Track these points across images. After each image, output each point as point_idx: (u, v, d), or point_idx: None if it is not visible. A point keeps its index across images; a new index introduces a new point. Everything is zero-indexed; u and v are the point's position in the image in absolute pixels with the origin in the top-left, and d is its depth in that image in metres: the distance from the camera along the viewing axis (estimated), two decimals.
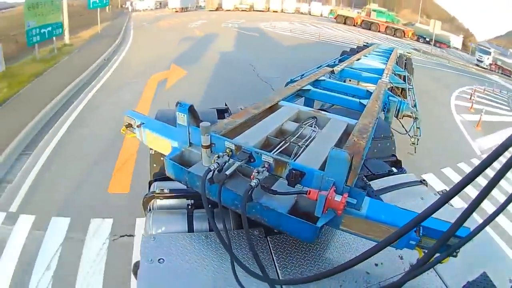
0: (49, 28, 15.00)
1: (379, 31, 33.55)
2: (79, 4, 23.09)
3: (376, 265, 1.94)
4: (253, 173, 1.77)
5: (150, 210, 2.35)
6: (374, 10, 34.79)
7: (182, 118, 2.08)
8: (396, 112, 4.62)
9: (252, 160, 1.92)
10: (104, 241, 4.84)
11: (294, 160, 2.09)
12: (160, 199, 2.38)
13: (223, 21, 30.42)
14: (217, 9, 40.83)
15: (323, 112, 3.21)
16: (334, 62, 7.15)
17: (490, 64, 28.00)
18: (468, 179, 1.02)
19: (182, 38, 20.49)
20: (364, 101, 3.92)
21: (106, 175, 6.38)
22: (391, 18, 34.46)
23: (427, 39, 33.03)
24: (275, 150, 2.22)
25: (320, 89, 4.47)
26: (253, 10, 41.95)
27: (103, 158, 6.96)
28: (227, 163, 1.93)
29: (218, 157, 1.90)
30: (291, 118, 2.93)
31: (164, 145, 2.37)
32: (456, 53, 32.89)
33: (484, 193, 1.00)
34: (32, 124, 8.01)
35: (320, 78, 4.74)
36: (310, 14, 43.33)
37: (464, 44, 36.04)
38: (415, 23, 36.98)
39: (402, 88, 6.71)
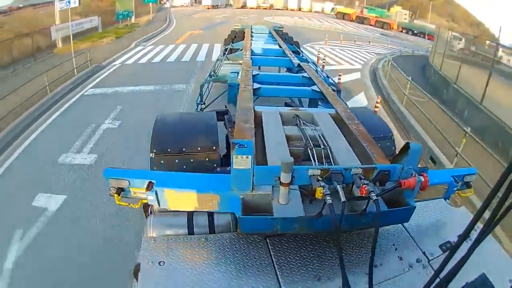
0: (126, 12, 28.38)
1: (370, 25, 42.15)
2: None
3: (375, 266, 1.96)
4: (365, 189, 1.78)
5: (150, 212, 2.37)
6: (366, 8, 43.84)
7: (245, 162, 1.80)
8: None
9: (343, 178, 1.89)
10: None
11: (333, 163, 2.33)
12: None
13: (241, 15, 41.01)
14: (242, 7, 50.51)
15: (300, 108, 3.52)
16: (225, 53, 7.39)
17: (462, 49, 35.25)
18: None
19: (207, 23, 32.50)
20: (314, 88, 4.16)
21: (172, 41, 21.46)
22: (380, 14, 43.07)
23: (415, 32, 40.85)
24: (312, 160, 2.39)
25: (263, 84, 4.45)
26: (273, 8, 50.53)
27: (168, 41, 20.86)
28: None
29: (322, 187, 1.80)
30: (281, 122, 3.01)
31: (202, 201, 2.04)
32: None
33: None
34: (138, 40, 20.81)
35: (254, 73, 4.72)
36: (323, 12, 50.94)
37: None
38: (411, 21, 44.36)
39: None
